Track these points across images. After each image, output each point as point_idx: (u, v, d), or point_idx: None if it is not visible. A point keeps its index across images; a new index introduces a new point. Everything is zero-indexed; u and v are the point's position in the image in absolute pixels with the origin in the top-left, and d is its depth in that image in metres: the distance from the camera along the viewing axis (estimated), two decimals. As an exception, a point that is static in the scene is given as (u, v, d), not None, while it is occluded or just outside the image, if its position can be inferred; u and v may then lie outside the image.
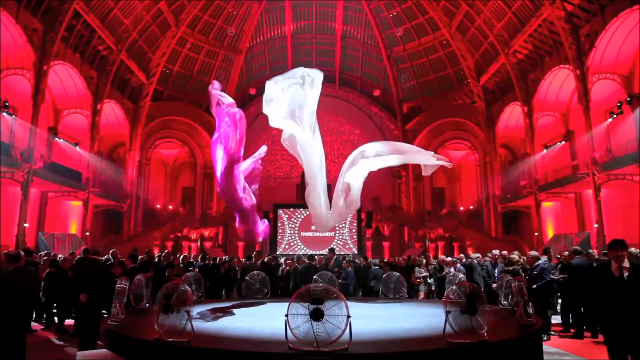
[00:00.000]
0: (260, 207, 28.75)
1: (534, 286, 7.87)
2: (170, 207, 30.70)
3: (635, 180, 17.99)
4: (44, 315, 9.56)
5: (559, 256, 10.64)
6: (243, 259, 13.33)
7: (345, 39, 31.94)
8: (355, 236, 26.22)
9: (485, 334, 4.67)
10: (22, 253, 5.69)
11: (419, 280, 11.80)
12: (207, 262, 12.10)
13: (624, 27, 17.90)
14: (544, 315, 7.75)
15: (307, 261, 10.85)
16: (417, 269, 11.95)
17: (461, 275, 9.64)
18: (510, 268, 8.62)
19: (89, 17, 21.81)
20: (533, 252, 8.98)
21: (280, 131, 8.86)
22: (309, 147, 8.43)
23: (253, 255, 11.48)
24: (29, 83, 19.16)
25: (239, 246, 28.36)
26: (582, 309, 8.24)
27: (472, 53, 28.11)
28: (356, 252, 24.49)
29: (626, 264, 4.31)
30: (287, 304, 4.63)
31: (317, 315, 4.41)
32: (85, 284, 6.48)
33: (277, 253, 22.09)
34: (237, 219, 9.25)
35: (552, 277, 8.35)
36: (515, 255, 9.52)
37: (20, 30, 18.17)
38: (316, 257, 12.61)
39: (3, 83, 18.25)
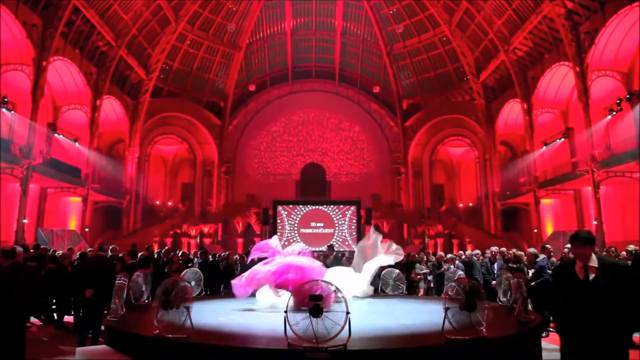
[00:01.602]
0: (260, 204, 28.93)
1: (532, 283, 7.90)
2: (170, 203, 30.72)
3: (635, 177, 18.00)
4: (44, 311, 9.58)
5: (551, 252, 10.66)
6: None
7: (345, 35, 31.88)
8: (354, 233, 26.28)
9: (484, 330, 4.69)
10: (18, 249, 5.67)
11: (419, 277, 11.82)
12: (206, 258, 12.13)
13: (624, 24, 17.89)
14: (543, 312, 7.77)
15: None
16: (417, 265, 11.99)
17: (460, 272, 9.66)
18: (515, 265, 8.62)
19: (88, 13, 21.75)
20: (532, 250, 8.99)
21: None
22: None
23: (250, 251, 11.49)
24: (28, 79, 19.12)
25: (238, 242, 28.41)
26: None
27: (472, 50, 28.07)
28: (355, 249, 24.52)
29: (594, 262, 3.51)
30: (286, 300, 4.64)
31: (316, 312, 4.42)
32: (89, 280, 6.50)
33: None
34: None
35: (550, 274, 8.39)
36: (521, 252, 9.53)
37: (19, 26, 18.11)
38: (314, 253, 12.62)
39: (2, 79, 18.17)
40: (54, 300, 9.55)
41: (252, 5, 28.97)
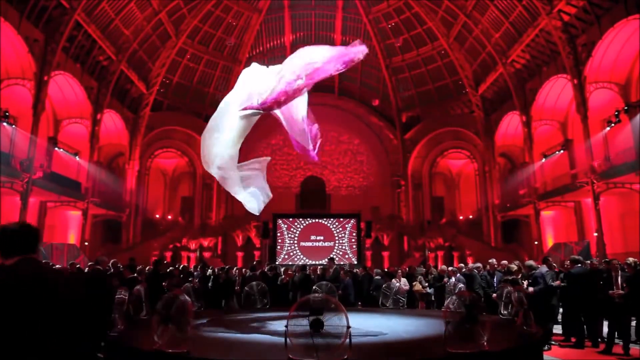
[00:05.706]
0: (259, 217, 28.83)
1: (530, 289, 7.96)
2: (170, 217, 30.66)
3: (634, 188, 18.03)
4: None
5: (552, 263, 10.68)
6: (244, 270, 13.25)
7: (344, 49, 32.09)
8: (354, 246, 26.21)
9: (485, 343, 4.67)
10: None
11: (426, 290, 11.73)
12: (206, 272, 12.09)
13: (620, 37, 18.08)
14: (545, 324, 7.73)
15: (300, 272, 10.86)
16: (420, 277, 11.93)
17: (461, 285, 9.63)
18: (510, 278, 8.64)
19: (90, 28, 21.97)
20: (529, 262, 9.09)
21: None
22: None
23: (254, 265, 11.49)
24: (29, 93, 19.22)
25: (238, 256, 28.30)
26: (582, 318, 8.24)
27: (470, 63, 28.29)
28: (355, 262, 24.47)
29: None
30: (286, 314, 4.62)
31: (317, 326, 4.41)
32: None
33: (277, 263, 22.05)
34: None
35: (552, 283, 8.36)
36: (513, 265, 9.55)
37: (21, 41, 18.28)
38: (311, 267, 12.63)
39: (4, 93, 18.31)
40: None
41: (252, 19, 29.26)
